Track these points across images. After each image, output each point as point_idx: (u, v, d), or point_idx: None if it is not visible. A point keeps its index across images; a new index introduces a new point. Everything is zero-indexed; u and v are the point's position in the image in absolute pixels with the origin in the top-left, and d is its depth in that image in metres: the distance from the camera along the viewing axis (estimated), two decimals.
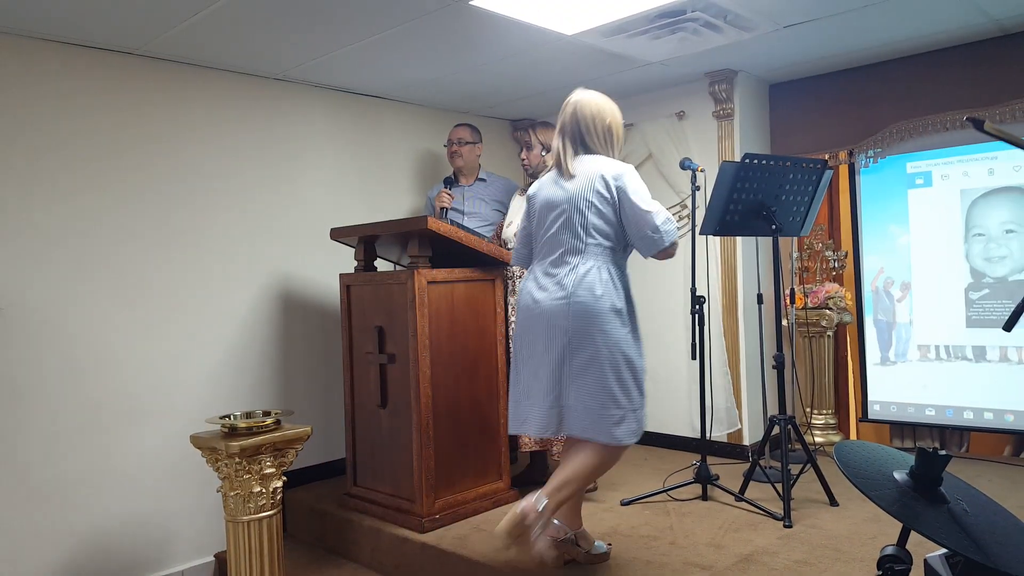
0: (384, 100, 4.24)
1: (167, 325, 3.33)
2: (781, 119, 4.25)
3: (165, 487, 3.29)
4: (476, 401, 3.24)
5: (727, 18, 3.11)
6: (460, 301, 3.19)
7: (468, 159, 3.95)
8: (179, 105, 3.40)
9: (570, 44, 3.35)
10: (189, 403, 3.36)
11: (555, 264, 2.48)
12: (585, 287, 2.39)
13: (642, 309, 4.45)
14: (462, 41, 3.29)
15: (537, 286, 2.50)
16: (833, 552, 2.62)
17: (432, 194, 4.00)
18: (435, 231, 2.98)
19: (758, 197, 3.01)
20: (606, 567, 2.58)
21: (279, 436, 2.53)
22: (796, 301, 3.91)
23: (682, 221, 4.21)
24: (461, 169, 3.97)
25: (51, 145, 3.02)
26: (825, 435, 4.06)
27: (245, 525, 2.51)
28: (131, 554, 3.20)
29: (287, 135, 3.81)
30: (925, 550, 1.42)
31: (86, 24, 2.88)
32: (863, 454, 1.30)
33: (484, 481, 3.27)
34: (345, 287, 3.38)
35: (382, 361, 3.19)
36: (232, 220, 3.58)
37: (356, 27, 3.04)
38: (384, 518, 3.14)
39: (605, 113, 2.52)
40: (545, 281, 2.48)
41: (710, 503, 3.23)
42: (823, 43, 3.52)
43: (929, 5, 3.07)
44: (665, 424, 4.32)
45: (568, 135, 2.53)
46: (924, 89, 3.60)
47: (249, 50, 3.29)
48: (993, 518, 1.17)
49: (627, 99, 4.41)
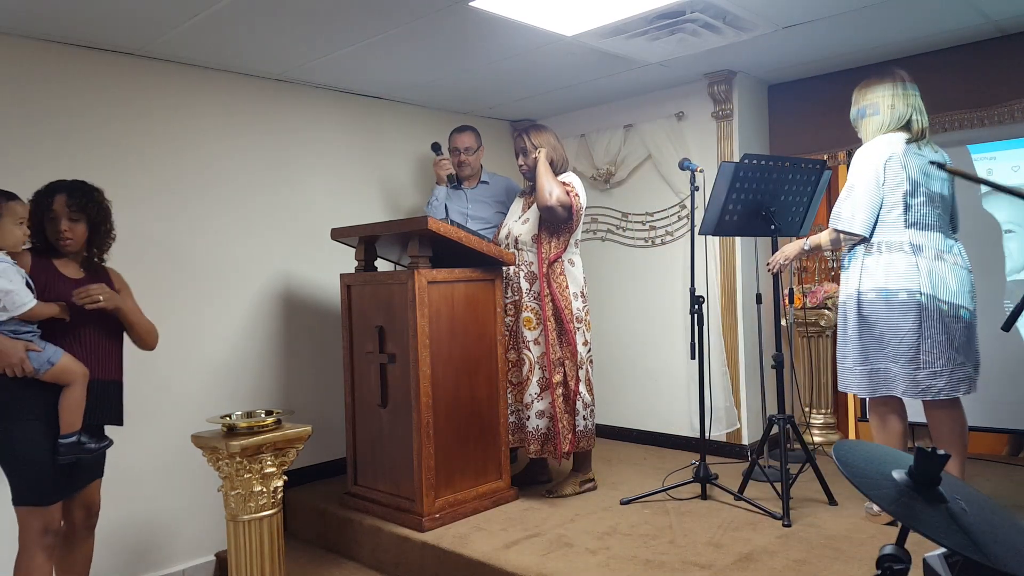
0: (384, 101, 4.25)
1: (168, 325, 3.33)
2: (780, 119, 4.26)
3: (166, 486, 3.30)
4: (476, 401, 3.25)
5: (726, 19, 3.12)
6: (460, 301, 3.20)
7: (475, 165, 3.92)
8: (179, 106, 3.40)
9: (569, 45, 3.36)
10: (190, 402, 3.36)
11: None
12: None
13: (641, 309, 4.50)
14: (462, 42, 3.29)
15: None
16: (832, 551, 2.63)
17: (434, 197, 3.97)
18: (435, 231, 2.98)
19: (757, 197, 3.01)
20: (606, 566, 2.59)
21: (280, 435, 2.54)
22: (795, 301, 3.92)
23: (681, 221, 4.23)
24: (468, 176, 3.94)
25: (51, 145, 3.02)
26: (824, 434, 4.08)
27: (246, 524, 2.51)
28: (132, 553, 3.20)
29: (288, 136, 3.81)
30: (924, 549, 1.43)
31: (87, 25, 2.89)
32: (862, 453, 1.31)
33: (484, 480, 3.28)
34: (346, 287, 3.39)
35: (382, 361, 3.19)
36: (233, 220, 3.58)
37: (356, 28, 3.05)
38: (384, 517, 3.15)
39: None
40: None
41: (709, 502, 3.24)
42: (822, 44, 3.53)
43: (927, 6, 3.08)
44: (664, 423, 4.33)
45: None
46: (922, 90, 3.60)
47: (250, 51, 3.29)
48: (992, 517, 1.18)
49: (626, 100, 4.44)
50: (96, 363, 2.48)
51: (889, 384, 2.74)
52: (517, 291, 3.41)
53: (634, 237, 4.47)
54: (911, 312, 2.68)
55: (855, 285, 2.80)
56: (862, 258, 2.81)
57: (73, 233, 2.48)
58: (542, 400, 3.32)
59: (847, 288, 2.86)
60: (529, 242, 3.39)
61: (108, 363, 2.55)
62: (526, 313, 3.36)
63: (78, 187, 2.52)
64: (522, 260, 3.41)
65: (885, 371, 2.74)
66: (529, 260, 3.40)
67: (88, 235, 2.53)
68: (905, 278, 2.69)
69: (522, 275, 3.40)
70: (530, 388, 3.33)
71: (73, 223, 2.48)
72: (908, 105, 2.82)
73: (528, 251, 3.40)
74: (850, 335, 2.83)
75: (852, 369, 2.83)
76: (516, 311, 3.40)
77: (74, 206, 2.47)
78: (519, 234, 3.43)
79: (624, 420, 4.50)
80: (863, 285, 2.78)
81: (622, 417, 4.50)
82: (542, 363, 3.33)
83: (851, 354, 2.83)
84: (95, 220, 2.53)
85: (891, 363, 2.72)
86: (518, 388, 3.40)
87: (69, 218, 2.47)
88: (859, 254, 2.83)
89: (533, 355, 3.34)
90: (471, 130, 3.92)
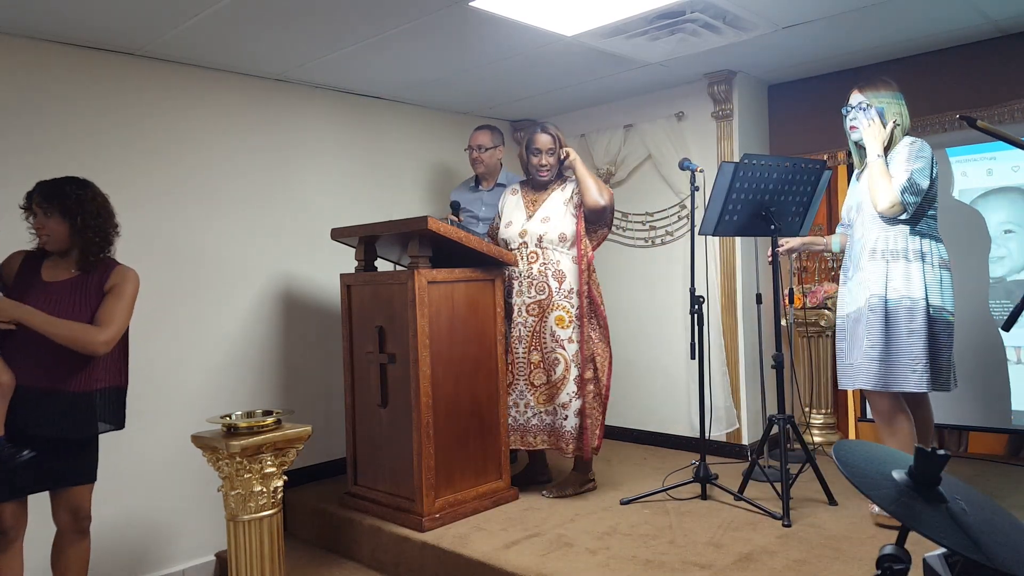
0: (384, 101, 4.25)
1: (168, 325, 3.34)
2: (780, 119, 4.26)
3: (166, 486, 3.30)
4: (476, 401, 3.25)
5: (726, 19, 3.12)
6: (460, 301, 3.20)
7: (489, 164, 3.89)
8: (180, 106, 3.40)
9: (570, 45, 3.36)
10: (190, 403, 3.36)
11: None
12: None
13: (641, 309, 4.50)
14: (462, 42, 3.29)
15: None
16: (832, 551, 2.63)
17: (455, 196, 3.96)
18: (435, 231, 2.98)
19: (757, 197, 3.01)
20: (606, 566, 2.59)
21: (280, 435, 2.54)
22: (795, 301, 3.92)
23: (681, 221, 4.23)
24: (483, 174, 3.93)
25: (51, 146, 3.02)
26: (824, 434, 4.07)
27: (246, 524, 2.51)
28: (132, 553, 3.20)
29: (288, 135, 3.81)
30: (924, 549, 1.43)
31: (87, 25, 2.89)
32: (862, 453, 1.31)
33: (484, 480, 3.28)
34: (346, 287, 3.39)
35: (382, 361, 3.19)
36: (233, 220, 3.58)
37: (357, 28, 3.05)
38: (384, 517, 3.15)
39: None
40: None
41: (709, 502, 3.24)
42: (822, 44, 3.53)
43: (927, 6, 3.08)
44: (664, 424, 4.33)
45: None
46: (922, 90, 3.60)
47: (250, 51, 3.29)
48: (992, 517, 1.18)
49: (626, 100, 4.44)
50: (43, 372, 2.39)
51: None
52: (543, 291, 3.35)
53: (634, 237, 4.47)
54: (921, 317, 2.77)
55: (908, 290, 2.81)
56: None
57: (47, 229, 2.42)
58: (579, 399, 3.32)
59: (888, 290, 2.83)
60: (556, 240, 3.37)
61: (56, 371, 2.42)
62: (558, 312, 3.34)
63: (53, 182, 2.45)
64: (547, 259, 3.37)
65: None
66: (555, 259, 3.37)
67: (69, 230, 2.45)
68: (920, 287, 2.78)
69: (549, 274, 3.36)
70: (567, 387, 3.31)
71: (46, 219, 2.42)
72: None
73: (554, 250, 3.38)
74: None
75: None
76: (541, 311, 3.36)
77: (45, 202, 2.41)
78: (543, 232, 3.38)
79: (624, 420, 4.50)
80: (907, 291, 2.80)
81: (622, 417, 4.50)
82: (577, 361, 3.33)
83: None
84: (70, 212, 2.43)
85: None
86: (548, 389, 3.35)
87: (43, 214, 2.42)
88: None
89: (568, 353, 3.33)
90: (487, 128, 3.90)
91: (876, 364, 2.79)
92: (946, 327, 2.80)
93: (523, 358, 3.37)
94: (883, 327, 2.78)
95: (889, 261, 2.81)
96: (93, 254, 2.50)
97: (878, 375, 2.79)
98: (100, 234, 2.50)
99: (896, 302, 2.78)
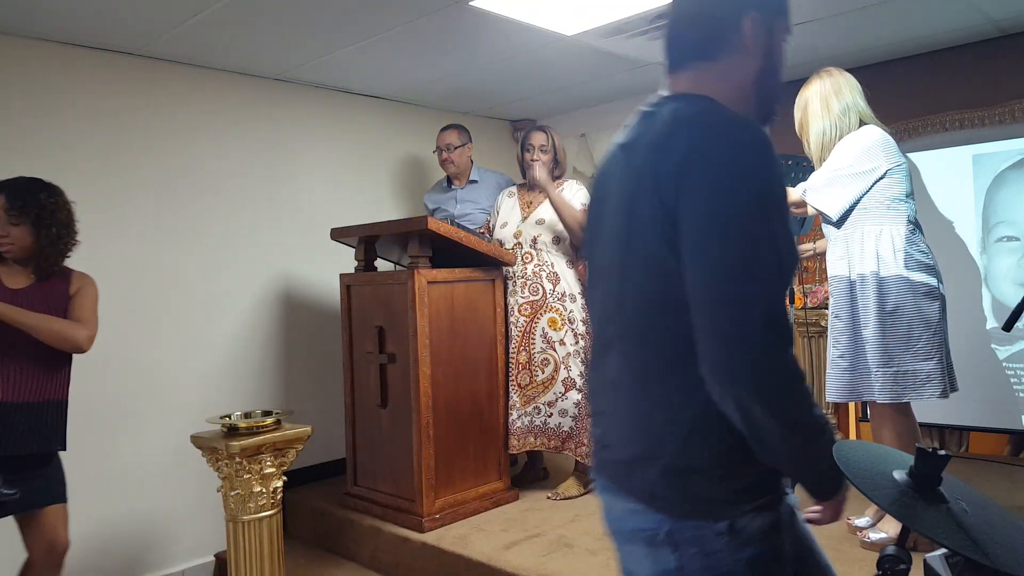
0: (384, 100, 4.25)
1: (167, 325, 3.34)
2: (780, 119, 4.24)
3: (165, 487, 3.29)
4: (476, 401, 3.25)
5: None
6: (460, 301, 3.20)
7: (459, 162, 3.84)
8: (179, 105, 3.40)
9: (570, 45, 3.36)
10: (189, 403, 3.36)
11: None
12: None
13: None
14: (462, 42, 3.29)
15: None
16: (832, 552, 2.60)
17: (428, 200, 3.97)
18: (435, 231, 2.98)
19: None
20: (606, 567, 2.58)
21: (279, 436, 2.54)
22: (796, 301, 3.91)
23: None
24: (455, 173, 3.89)
25: (51, 145, 3.02)
26: None
27: (245, 525, 2.51)
28: (131, 554, 3.20)
29: (287, 135, 3.81)
30: (924, 550, 1.43)
31: (86, 25, 2.89)
32: (862, 453, 1.30)
33: (484, 481, 3.28)
34: (345, 287, 3.38)
35: (382, 361, 3.19)
36: (232, 220, 3.58)
37: (356, 28, 3.05)
38: (384, 518, 3.15)
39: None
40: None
41: None
42: (821, 44, 3.52)
43: (927, 6, 3.07)
44: None
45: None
46: (923, 90, 3.60)
47: (250, 51, 3.29)
48: (992, 517, 1.18)
49: (626, 100, 4.43)
50: (8, 386, 2.27)
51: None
52: (536, 292, 3.36)
53: None
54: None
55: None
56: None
57: (11, 237, 2.27)
58: (566, 399, 3.32)
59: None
60: (550, 242, 3.38)
61: (22, 385, 2.29)
62: (550, 315, 3.34)
63: (21, 186, 2.29)
64: (541, 261, 3.38)
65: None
66: (549, 261, 3.38)
67: (35, 239, 2.30)
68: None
69: (543, 276, 3.37)
70: (555, 387, 3.31)
71: (12, 226, 2.26)
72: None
73: (549, 252, 3.38)
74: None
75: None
76: (534, 312, 3.36)
77: (13, 208, 2.25)
78: (537, 234, 3.39)
79: None
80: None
81: None
82: (566, 363, 3.33)
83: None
84: (42, 222, 2.29)
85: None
86: (532, 390, 3.35)
87: (8, 221, 2.26)
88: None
89: (559, 355, 3.33)
90: (454, 127, 3.86)
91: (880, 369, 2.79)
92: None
93: (511, 358, 3.37)
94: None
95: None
96: (57, 263, 2.38)
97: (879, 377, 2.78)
98: (67, 244, 2.39)
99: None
